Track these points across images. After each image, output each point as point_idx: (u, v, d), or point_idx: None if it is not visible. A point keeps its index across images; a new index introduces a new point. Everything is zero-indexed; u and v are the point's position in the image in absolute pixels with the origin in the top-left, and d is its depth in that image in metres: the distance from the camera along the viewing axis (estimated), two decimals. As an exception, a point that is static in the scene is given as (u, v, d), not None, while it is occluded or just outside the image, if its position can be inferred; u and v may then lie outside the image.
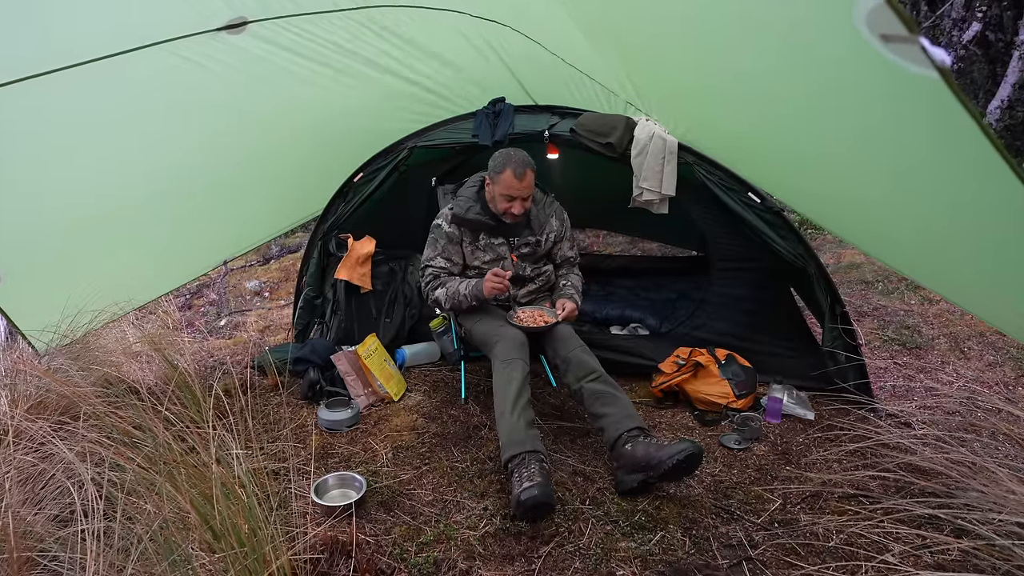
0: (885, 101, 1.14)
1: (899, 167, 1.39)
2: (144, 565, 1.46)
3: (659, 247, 5.12)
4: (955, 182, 1.24)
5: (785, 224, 2.59)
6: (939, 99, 0.86)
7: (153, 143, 2.60)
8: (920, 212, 1.57)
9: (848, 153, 1.55)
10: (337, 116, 3.03)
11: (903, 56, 0.88)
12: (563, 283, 2.63)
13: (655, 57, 2.13)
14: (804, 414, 2.55)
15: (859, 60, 1.00)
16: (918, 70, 0.86)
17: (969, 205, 1.29)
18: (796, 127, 1.74)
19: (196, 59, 2.31)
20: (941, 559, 1.68)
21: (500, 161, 2.39)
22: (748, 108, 1.88)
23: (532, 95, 3.19)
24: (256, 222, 3.56)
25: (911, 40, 0.82)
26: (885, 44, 0.88)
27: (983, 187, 1.13)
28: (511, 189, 2.36)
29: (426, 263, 2.59)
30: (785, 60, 1.35)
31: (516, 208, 2.40)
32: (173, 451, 1.61)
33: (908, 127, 1.19)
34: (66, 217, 2.60)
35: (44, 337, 2.72)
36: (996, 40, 7.00)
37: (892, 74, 0.91)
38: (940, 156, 1.19)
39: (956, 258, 1.65)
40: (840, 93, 1.29)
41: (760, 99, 1.71)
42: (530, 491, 1.87)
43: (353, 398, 2.72)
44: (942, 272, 1.92)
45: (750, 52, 1.45)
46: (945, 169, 1.23)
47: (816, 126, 1.62)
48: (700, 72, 1.90)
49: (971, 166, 1.09)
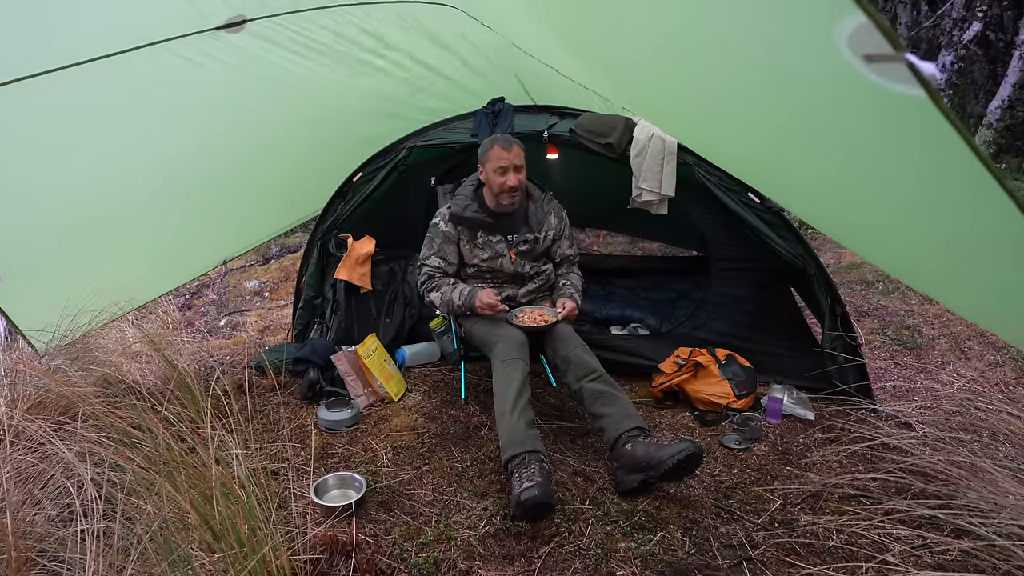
0: (870, 121, 1.13)
1: (886, 188, 1.38)
2: (144, 565, 1.46)
3: (659, 247, 5.11)
4: (945, 201, 1.23)
5: (785, 224, 2.59)
6: (926, 118, 0.84)
7: (152, 143, 2.59)
8: (912, 235, 1.56)
9: (835, 176, 1.53)
10: (336, 116, 3.03)
11: (886, 76, 0.86)
12: (563, 282, 2.63)
13: (636, 77, 2.12)
14: (804, 414, 2.54)
15: (840, 81, 0.98)
16: (903, 89, 0.84)
17: (960, 224, 1.27)
18: (779, 148, 1.72)
19: (195, 58, 2.30)
20: (941, 559, 1.68)
21: (486, 143, 2.46)
22: (728, 130, 1.87)
23: (532, 95, 3.20)
24: (256, 222, 3.56)
25: (896, 58, 0.80)
26: (868, 64, 0.86)
27: (973, 205, 1.12)
28: (501, 159, 2.38)
29: (422, 262, 2.59)
30: (764, 81, 1.33)
31: (511, 180, 2.40)
32: (173, 451, 1.61)
33: (896, 147, 1.18)
34: (66, 217, 2.60)
35: (44, 337, 2.72)
36: (997, 40, 7.01)
37: (876, 95, 0.89)
38: (928, 175, 1.17)
39: (950, 273, 1.64)
40: (821, 115, 1.27)
41: (740, 121, 1.69)
42: (530, 491, 1.87)
43: (353, 398, 2.72)
44: (936, 281, 1.91)
45: (727, 73, 1.43)
46: (933, 188, 1.22)
47: (799, 148, 1.60)
48: (679, 95, 1.89)
49: (960, 184, 1.07)
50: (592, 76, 2.58)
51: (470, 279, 2.60)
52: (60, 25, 1.95)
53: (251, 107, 2.75)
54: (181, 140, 2.68)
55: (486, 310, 2.38)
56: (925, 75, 0.77)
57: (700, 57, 1.46)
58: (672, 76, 1.74)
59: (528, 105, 3.11)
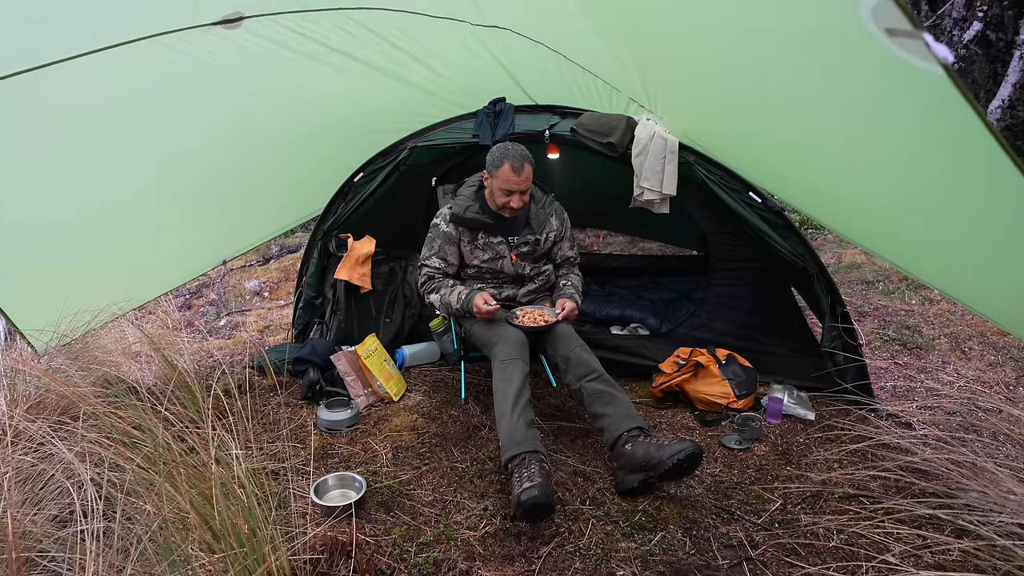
0: (893, 99, 1.14)
1: (905, 165, 1.39)
2: (143, 565, 1.46)
3: (659, 247, 5.11)
4: (961, 179, 1.24)
5: (786, 224, 2.59)
6: (944, 96, 0.86)
7: (152, 141, 2.59)
8: (926, 210, 1.57)
9: (857, 152, 1.54)
10: (336, 115, 3.02)
11: (910, 51, 0.87)
12: (563, 283, 2.62)
13: (668, 50, 2.12)
14: (805, 414, 2.54)
15: (869, 59, 0.99)
16: (925, 65, 0.85)
17: (975, 201, 1.28)
18: (806, 126, 1.73)
19: (193, 54, 2.29)
20: (942, 559, 1.68)
21: (498, 155, 2.38)
22: (755, 103, 1.88)
23: (531, 95, 3.19)
24: (255, 222, 3.55)
25: (915, 35, 0.82)
26: (891, 38, 0.88)
27: (988, 184, 1.13)
28: (509, 183, 2.35)
29: (422, 262, 2.59)
30: (794, 60, 1.35)
31: (515, 202, 2.39)
32: (172, 451, 1.61)
33: (917, 124, 1.18)
34: (65, 216, 2.59)
35: (43, 337, 2.72)
36: (997, 40, 7.00)
37: (899, 72, 0.91)
38: (946, 153, 1.18)
39: (961, 255, 1.65)
40: (848, 92, 1.28)
41: (768, 97, 1.70)
42: (530, 491, 1.86)
43: (353, 398, 2.72)
44: (945, 270, 1.91)
45: (758, 46, 1.44)
46: (951, 166, 1.22)
47: (826, 127, 1.61)
48: (709, 66, 1.90)
49: (976, 162, 1.08)
50: (611, 51, 2.54)
51: (470, 280, 2.60)
52: (56, 19, 1.94)
53: (251, 106, 2.75)
54: (181, 138, 2.67)
55: (484, 316, 2.38)
56: (939, 57, 0.79)
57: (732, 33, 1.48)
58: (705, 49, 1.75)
59: (529, 105, 3.11)
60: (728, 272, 2.87)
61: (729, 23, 1.48)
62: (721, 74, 1.90)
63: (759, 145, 2.35)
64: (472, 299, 2.40)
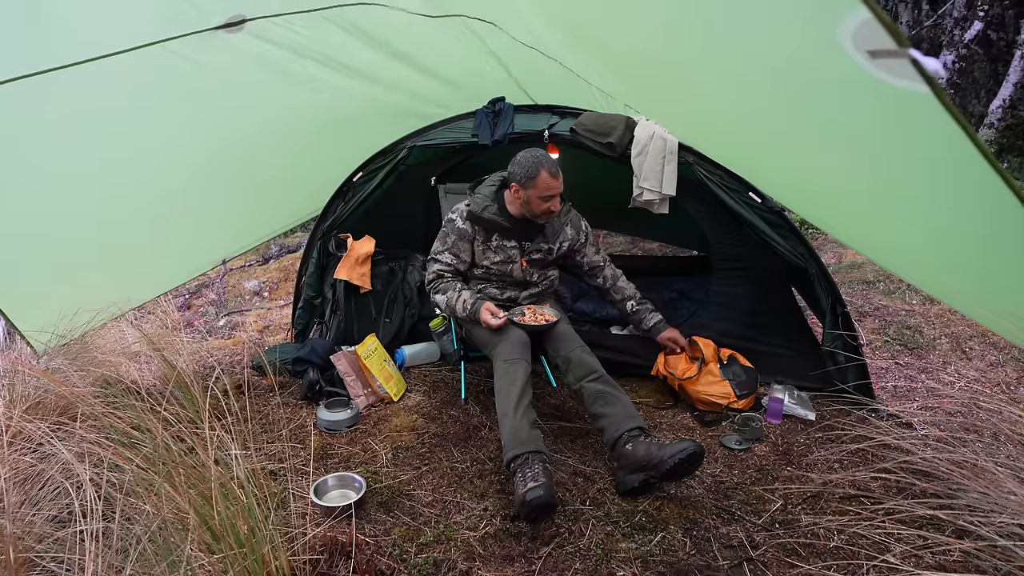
0: (875, 116, 1.12)
1: (891, 182, 1.38)
2: (143, 566, 1.46)
3: (659, 247, 5.11)
4: (947, 195, 1.23)
5: (786, 224, 2.58)
6: (930, 113, 0.84)
7: (151, 142, 2.59)
8: (912, 229, 1.56)
9: (840, 168, 1.53)
10: (336, 115, 3.02)
11: (890, 71, 0.86)
12: (636, 307, 2.67)
13: (639, 70, 2.11)
14: (805, 414, 2.54)
15: (846, 76, 0.98)
16: (908, 85, 0.84)
17: (962, 218, 1.27)
18: (784, 143, 1.72)
19: (194, 58, 2.29)
20: (942, 560, 1.68)
21: (529, 165, 2.33)
22: (734, 122, 1.86)
23: (531, 95, 3.19)
24: (255, 222, 3.55)
25: (900, 54, 0.80)
26: (872, 60, 0.86)
27: (976, 200, 1.12)
28: (551, 188, 2.34)
29: (433, 256, 2.55)
30: (768, 75, 1.33)
31: (555, 205, 2.39)
32: (172, 452, 1.60)
33: (900, 142, 1.17)
34: (65, 216, 2.59)
35: (42, 337, 2.71)
36: (998, 39, 7.01)
37: (878, 90, 0.90)
38: (932, 170, 1.17)
39: (953, 269, 1.64)
40: (828, 108, 1.27)
41: (744, 114, 1.69)
42: (535, 491, 1.86)
43: (353, 398, 2.72)
44: (940, 281, 1.91)
45: (732, 67, 1.43)
46: (937, 183, 1.21)
47: (803, 141, 1.60)
48: (680, 86, 1.88)
49: (963, 179, 1.07)
50: (592, 68, 2.56)
51: (476, 280, 2.59)
52: (58, 24, 1.94)
53: (251, 106, 2.74)
54: (180, 139, 2.67)
55: (489, 323, 2.34)
56: (929, 71, 0.77)
57: (704, 50, 1.46)
58: (674, 68, 1.73)
59: (529, 104, 3.10)
60: (728, 272, 2.86)
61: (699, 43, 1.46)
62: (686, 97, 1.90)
63: (739, 161, 2.36)
64: (478, 311, 2.36)
